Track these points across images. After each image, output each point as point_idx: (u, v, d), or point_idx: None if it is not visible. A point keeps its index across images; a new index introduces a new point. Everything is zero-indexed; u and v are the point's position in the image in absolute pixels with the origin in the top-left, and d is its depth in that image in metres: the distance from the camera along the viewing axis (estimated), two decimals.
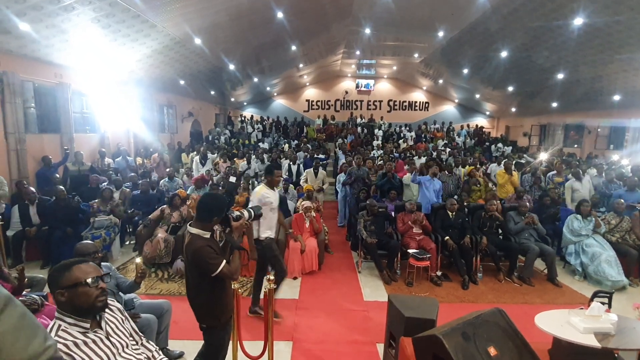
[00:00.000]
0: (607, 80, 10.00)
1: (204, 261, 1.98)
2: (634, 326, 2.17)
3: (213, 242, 2.12)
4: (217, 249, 2.11)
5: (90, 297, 1.48)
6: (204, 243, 2.02)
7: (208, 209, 2.09)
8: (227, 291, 2.23)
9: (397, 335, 2.66)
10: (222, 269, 2.00)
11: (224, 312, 2.19)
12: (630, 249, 4.67)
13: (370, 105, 19.60)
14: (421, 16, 9.44)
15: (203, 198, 2.19)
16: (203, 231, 2.07)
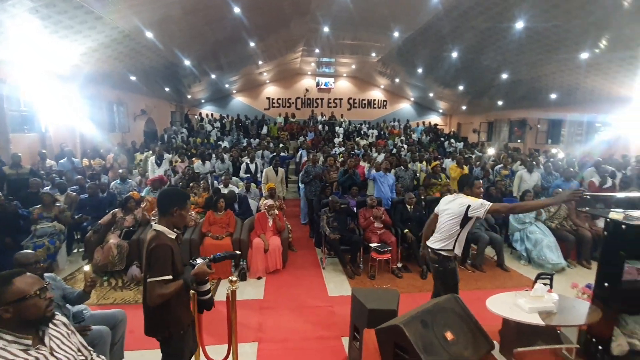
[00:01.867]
0: (546, 80, 10.93)
1: (153, 260, 1.85)
2: (573, 304, 2.40)
3: (176, 247, 2.00)
4: (178, 257, 1.99)
5: (40, 309, 1.40)
6: (167, 243, 1.91)
7: (168, 199, 2.00)
8: (183, 299, 2.04)
9: (361, 327, 2.72)
10: (158, 281, 1.82)
11: (177, 324, 2.02)
12: (568, 234, 5.16)
13: (330, 103, 19.79)
14: (377, 16, 9.68)
15: (162, 190, 2.17)
16: (169, 230, 1.98)
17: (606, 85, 9.51)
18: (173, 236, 1.98)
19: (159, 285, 1.81)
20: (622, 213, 2.23)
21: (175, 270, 1.93)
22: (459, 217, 2.90)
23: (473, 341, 2.29)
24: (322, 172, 6.38)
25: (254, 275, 4.63)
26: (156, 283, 1.81)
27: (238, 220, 5.20)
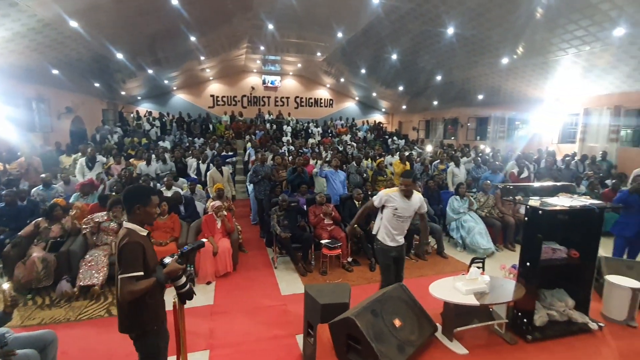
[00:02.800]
0: (474, 82, 12.00)
1: (123, 257, 1.87)
2: (502, 284, 2.68)
3: (148, 244, 2.00)
4: (151, 255, 2.00)
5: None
6: (137, 240, 1.92)
7: (129, 197, 2.01)
8: (156, 296, 2.07)
9: (314, 323, 2.77)
10: (128, 277, 1.84)
11: (154, 319, 2.04)
12: (495, 221, 5.75)
13: (277, 101, 19.63)
14: (320, 16, 9.83)
15: (125, 189, 2.18)
16: (139, 227, 2.00)
17: (523, 87, 10.72)
18: (144, 233, 2.00)
19: (129, 282, 1.84)
20: (539, 200, 2.54)
21: (148, 267, 1.95)
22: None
23: (418, 325, 2.46)
24: (270, 171, 6.33)
25: (202, 280, 4.45)
26: (126, 279, 1.83)
27: (183, 224, 4.95)
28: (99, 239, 4.38)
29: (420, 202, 3.34)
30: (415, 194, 3.35)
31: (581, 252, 2.60)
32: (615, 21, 6.40)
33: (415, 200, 3.33)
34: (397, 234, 3.39)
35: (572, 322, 2.62)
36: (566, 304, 2.65)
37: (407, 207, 3.31)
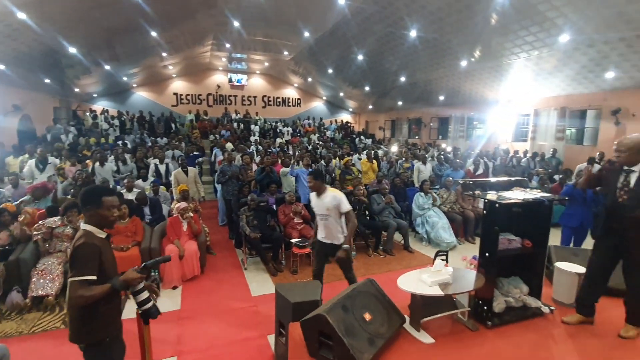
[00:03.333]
0: (436, 83, 12.50)
1: (76, 259, 1.73)
2: (464, 274, 2.83)
3: (106, 248, 1.88)
4: (109, 259, 1.87)
5: None
6: (93, 242, 1.79)
7: (82, 199, 1.87)
8: (113, 304, 1.92)
9: (286, 322, 2.77)
10: (80, 281, 1.69)
11: (107, 329, 1.89)
12: (457, 216, 6.03)
13: (244, 100, 19.30)
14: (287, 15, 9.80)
15: (81, 191, 2.01)
16: (97, 229, 1.86)
17: (480, 89, 11.33)
18: (103, 235, 1.87)
19: (80, 286, 1.69)
20: (496, 194, 2.71)
21: (105, 272, 1.81)
22: None
23: (388, 318, 2.54)
24: (238, 171, 6.22)
25: (168, 285, 4.30)
26: (77, 283, 1.69)
27: (146, 227, 4.74)
28: (52, 246, 4.09)
29: (335, 201, 3.27)
30: (329, 193, 3.33)
31: (534, 241, 2.81)
32: (561, 28, 6.94)
33: (327, 198, 3.30)
34: (320, 231, 3.46)
35: (526, 307, 2.82)
36: (521, 291, 2.85)
37: (320, 205, 3.36)
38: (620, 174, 2.37)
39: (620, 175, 2.36)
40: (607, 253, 2.51)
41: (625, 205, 2.31)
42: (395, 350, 2.38)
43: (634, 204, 2.27)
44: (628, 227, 2.31)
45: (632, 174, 2.32)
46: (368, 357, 2.17)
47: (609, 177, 2.45)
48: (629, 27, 6.24)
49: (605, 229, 2.50)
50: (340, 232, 3.36)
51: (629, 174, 2.33)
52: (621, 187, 2.35)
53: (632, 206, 2.27)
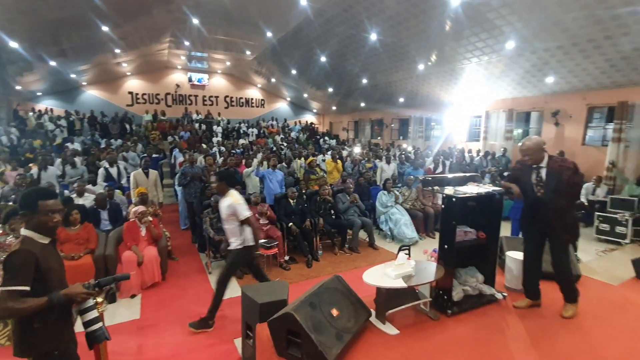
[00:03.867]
0: (396, 85, 12.93)
1: (7, 267, 1.58)
2: (425, 266, 2.96)
3: (49, 255, 1.70)
4: (53, 268, 1.70)
5: None
6: (29, 249, 1.62)
7: (19, 203, 1.73)
8: (60, 314, 1.74)
9: (253, 324, 2.73)
10: (9, 291, 1.53)
11: (53, 342, 1.71)
12: (418, 212, 6.28)
13: (206, 100, 18.72)
14: (249, 14, 9.66)
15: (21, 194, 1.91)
16: (38, 234, 1.69)
17: (436, 91, 11.90)
18: (45, 241, 1.70)
19: (10, 297, 1.53)
20: (453, 189, 2.87)
21: (47, 282, 1.64)
22: None
23: (355, 313, 2.60)
24: (201, 172, 6.03)
25: (126, 293, 4.07)
26: (6, 293, 1.53)
27: (100, 234, 4.46)
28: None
29: (230, 210, 3.22)
30: (228, 198, 3.26)
31: (487, 233, 3.00)
32: (507, 35, 7.48)
33: (224, 203, 3.27)
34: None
35: (482, 294, 3.01)
36: (477, 280, 3.04)
37: (221, 208, 3.34)
38: (532, 171, 2.67)
39: (533, 172, 2.66)
40: (535, 241, 2.80)
41: (544, 199, 2.60)
42: (362, 343, 2.44)
43: (551, 196, 2.56)
44: (551, 217, 2.60)
45: (542, 170, 2.63)
46: (336, 352, 2.20)
47: (523, 176, 2.74)
48: (565, 36, 6.87)
49: (530, 220, 2.80)
50: (234, 235, 3.30)
51: (539, 170, 2.64)
52: (536, 183, 2.65)
53: (550, 199, 2.57)
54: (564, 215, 2.57)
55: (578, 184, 2.59)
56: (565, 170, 2.56)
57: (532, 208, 2.75)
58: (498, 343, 2.47)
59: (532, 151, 2.64)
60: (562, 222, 2.58)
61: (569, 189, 2.55)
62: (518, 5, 6.52)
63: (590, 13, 6.00)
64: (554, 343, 2.46)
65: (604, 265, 4.66)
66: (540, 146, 2.63)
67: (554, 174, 2.58)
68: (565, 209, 2.56)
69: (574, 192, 2.59)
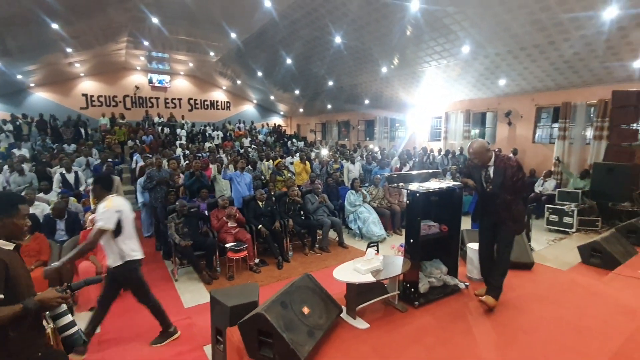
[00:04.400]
0: (361, 87, 13.21)
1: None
2: (393, 260, 3.05)
3: (17, 262, 1.64)
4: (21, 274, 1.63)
5: None
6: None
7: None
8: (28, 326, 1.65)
9: (223, 328, 2.68)
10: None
11: (22, 353, 1.63)
12: (385, 210, 6.46)
13: (168, 103, 18.06)
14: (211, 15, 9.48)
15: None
16: (3, 241, 1.66)
17: (399, 93, 12.30)
18: (9, 247, 1.64)
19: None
20: (416, 185, 2.99)
21: (15, 289, 1.58)
22: None
23: (326, 309, 2.63)
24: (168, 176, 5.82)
25: (84, 307, 3.83)
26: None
27: (53, 244, 4.17)
28: None
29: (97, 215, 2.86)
30: (100, 205, 2.87)
31: (449, 226, 3.16)
32: (463, 40, 7.91)
33: (98, 209, 2.88)
34: None
35: (446, 285, 3.16)
36: (441, 271, 3.18)
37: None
38: (481, 170, 2.89)
39: (482, 171, 2.88)
40: (487, 232, 2.99)
41: (492, 194, 2.82)
42: (334, 339, 2.47)
43: (498, 192, 2.78)
44: (499, 209, 2.81)
45: (489, 168, 2.85)
46: (308, 349, 2.22)
47: (474, 174, 2.95)
48: (514, 41, 7.38)
49: (482, 213, 3.01)
50: (112, 252, 2.92)
51: (487, 169, 2.86)
52: (485, 179, 2.86)
53: (497, 194, 2.79)
54: (510, 208, 2.78)
55: (521, 180, 2.79)
56: (509, 168, 2.76)
57: (483, 202, 2.97)
58: (461, 329, 2.60)
59: (477, 154, 2.83)
60: (509, 214, 2.78)
61: (513, 184, 2.75)
62: (471, 11, 6.92)
63: (535, 20, 6.49)
64: (510, 325, 2.63)
65: (554, 253, 5.05)
66: (484, 149, 2.82)
67: (500, 171, 2.79)
68: (511, 202, 2.78)
69: (518, 188, 2.79)
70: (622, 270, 3.62)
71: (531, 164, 8.95)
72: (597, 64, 7.17)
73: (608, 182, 6.45)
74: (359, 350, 2.36)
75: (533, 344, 2.40)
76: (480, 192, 2.96)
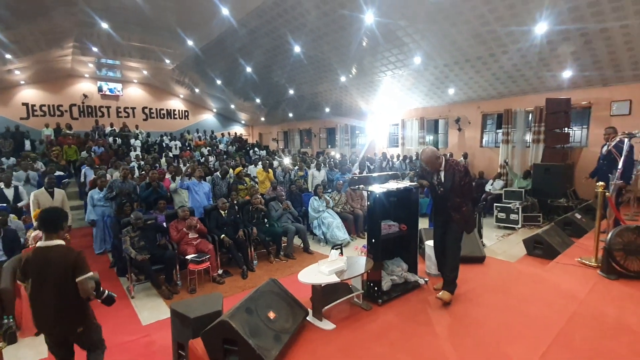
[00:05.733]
0: (322, 96, 13.45)
1: None
2: (357, 260, 3.13)
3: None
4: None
5: None
6: None
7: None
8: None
9: (185, 342, 2.60)
10: None
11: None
12: (348, 215, 6.59)
13: (120, 112, 17.14)
14: (167, 21, 9.22)
15: None
16: None
17: (358, 101, 12.69)
18: None
19: None
20: (376, 186, 3.12)
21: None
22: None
23: (292, 313, 2.64)
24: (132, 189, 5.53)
25: (29, 331, 3.50)
26: None
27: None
28: None
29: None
30: None
31: (408, 225, 3.31)
32: (415, 52, 8.38)
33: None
34: None
35: (407, 282, 3.29)
36: (402, 269, 3.31)
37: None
38: (433, 174, 3.11)
39: (434, 175, 3.09)
40: (440, 230, 3.17)
41: (442, 196, 3.05)
42: (301, 341, 2.48)
43: (448, 195, 3.00)
44: (450, 210, 3.01)
45: (440, 172, 3.07)
46: (275, 353, 2.21)
47: (427, 178, 3.16)
48: (460, 53, 7.96)
49: (435, 213, 3.24)
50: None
51: (439, 173, 3.08)
52: (437, 183, 3.08)
53: (447, 196, 3.00)
54: (460, 209, 2.99)
55: (468, 183, 3.03)
56: (457, 172, 2.99)
57: (436, 203, 3.20)
58: (422, 323, 2.73)
59: (428, 162, 3.04)
60: (459, 214, 2.98)
61: (461, 187, 2.98)
62: (420, 25, 7.37)
63: (477, 34, 7.07)
64: (466, 316, 2.81)
65: (502, 247, 5.44)
66: (434, 156, 3.03)
67: (449, 176, 3.02)
68: (460, 203, 2.99)
69: (466, 190, 3.01)
70: (561, 259, 3.99)
71: (480, 167, 9.62)
72: (532, 74, 7.93)
73: (546, 181, 7.10)
74: (326, 351, 2.39)
75: (486, 332, 2.57)
76: (433, 194, 3.18)
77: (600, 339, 2.41)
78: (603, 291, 3.13)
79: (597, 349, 2.31)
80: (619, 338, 2.42)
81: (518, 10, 6.12)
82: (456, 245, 3.05)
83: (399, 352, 2.36)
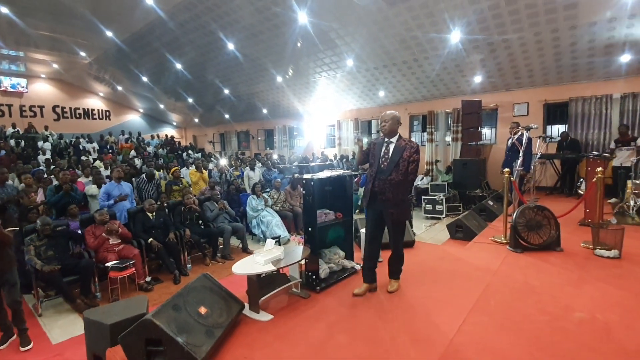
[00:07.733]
0: (259, 97, 13.25)
1: None
2: (294, 249, 3.11)
3: None
4: None
5: None
6: None
7: None
8: None
9: (102, 351, 2.32)
10: None
11: None
12: (288, 213, 6.54)
13: (25, 111, 14.93)
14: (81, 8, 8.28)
15: None
16: None
17: (295, 103, 12.77)
18: None
19: None
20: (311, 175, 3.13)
21: None
22: None
23: (226, 307, 2.51)
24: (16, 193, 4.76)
25: None
26: None
27: None
28: None
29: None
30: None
31: (343, 213, 3.39)
32: (348, 54, 8.70)
33: None
34: None
35: (344, 268, 3.37)
36: (339, 256, 3.38)
37: None
38: (382, 146, 2.96)
39: (383, 147, 2.96)
40: (374, 221, 2.97)
41: (384, 170, 2.88)
42: (236, 335, 2.38)
43: (390, 168, 2.86)
44: (385, 189, 2.85)
45: (390, 145, 2.94)
46: (206, 349, 2.09)
47: (375, 150, 3.00)
48: (387, 57, 8.46)
49: (369, 197, 2.93)
50: None
51: (388, 145, 2.94)
52: (383, 155, 2.93)
53: (389, 170, 2.86)
54: (398, 188, 2.84)
55: (416, 161, 2.88)
56: (409, 148, 2.88)
57: (373, 179, 2.92)
58: (359, 304, 2.80)
59: (389, 119, 2.91)
60: (395, 195, 2.83)
61: (407, 164, 2.85)
62: (351, 28, 7.68)
63: (402, 39, 7.58)
64: (399, 293, 2.95)
65: (430, 234, 5.87)
66: (396, 119, 2.94)
67: (399, 149, 2.89)
68: (400, 182, 2.84)
69: (411, 169, 2.86)
70: (478, 239, 4.44)
71: None
72: (450, 79, 8.75)
73: (464, 175, 7.87)
74: (263, 341, 2.32)
75: (416, 305, 2.74)
76: (374, 167, 2.96)
77: (511, 302, 2.71)
78: (512, 263, 3.55)
79: (509, 309, 2.59)
80: (526, 299, 2.74)
81: (436, 18, 6.71)
82: (401, 237, 2.98)
83: (338, 333, 2.39)
